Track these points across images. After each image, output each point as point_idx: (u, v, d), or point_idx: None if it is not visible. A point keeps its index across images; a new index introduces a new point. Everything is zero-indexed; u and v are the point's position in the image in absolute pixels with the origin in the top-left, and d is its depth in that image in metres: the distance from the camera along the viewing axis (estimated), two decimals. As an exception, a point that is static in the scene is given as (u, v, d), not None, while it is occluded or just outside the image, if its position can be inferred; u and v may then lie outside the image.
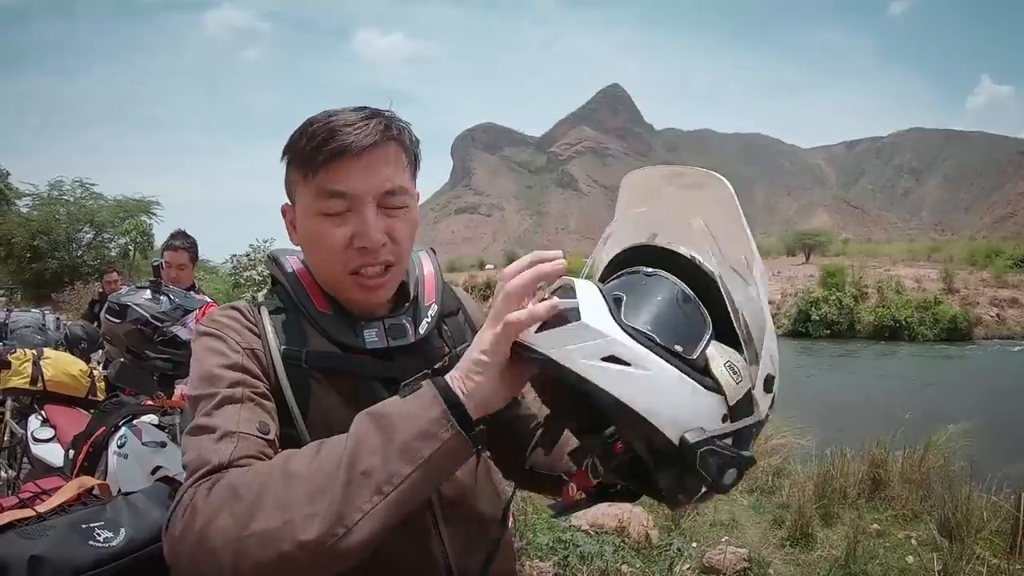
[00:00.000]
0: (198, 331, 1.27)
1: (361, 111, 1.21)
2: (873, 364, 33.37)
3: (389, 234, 1.22)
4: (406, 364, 1.28)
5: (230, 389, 1.14)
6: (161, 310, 3.23)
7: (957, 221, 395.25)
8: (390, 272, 1.26)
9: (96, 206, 32.24)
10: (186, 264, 4.58)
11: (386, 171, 1.20)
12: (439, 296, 1.40)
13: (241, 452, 1.05)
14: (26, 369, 4.81)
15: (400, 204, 1.23)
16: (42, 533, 1.52)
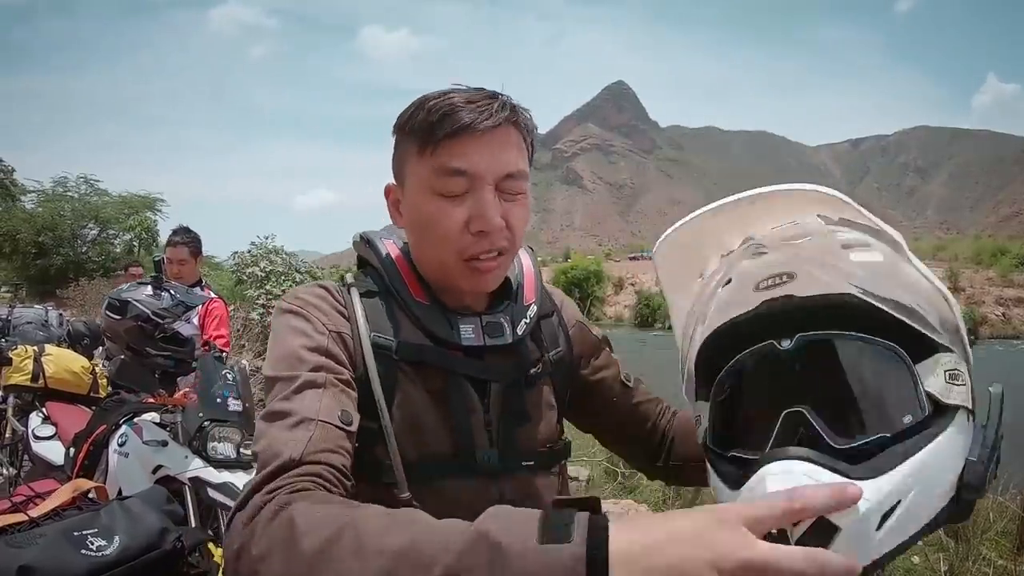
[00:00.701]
0: (281, 307, 1.18)
1: (481, 90, 1.13)
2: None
3: (505, 219, 1.13)
4: (498, 364, 1.22)
5: (313, 373, 1.06)
6: (162, 306, 3.18)
7: (962, 219, 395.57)
8: (502, 258, 1.17)
9: (101, 202, 32.29)
10: (187, 259, 4.51)
11: (508, 154, 1.13)
12: (538, 296, 1.32)
13: (317, 444, 0.97)
14: (27, 366, 4.77)
15: (518, 190, 1.15)
16: (32, 541, 1.46)
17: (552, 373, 1.31)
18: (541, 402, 1.28)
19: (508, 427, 1.21)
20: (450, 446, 1.15)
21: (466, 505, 1.10)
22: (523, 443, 1.22)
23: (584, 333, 1.40)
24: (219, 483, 2.95)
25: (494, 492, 1.17)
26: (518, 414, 1.22)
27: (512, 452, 1.20)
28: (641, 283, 70.35)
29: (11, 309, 6.40)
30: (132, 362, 3.20)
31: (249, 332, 9.25)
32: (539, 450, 1.25)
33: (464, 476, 1.16)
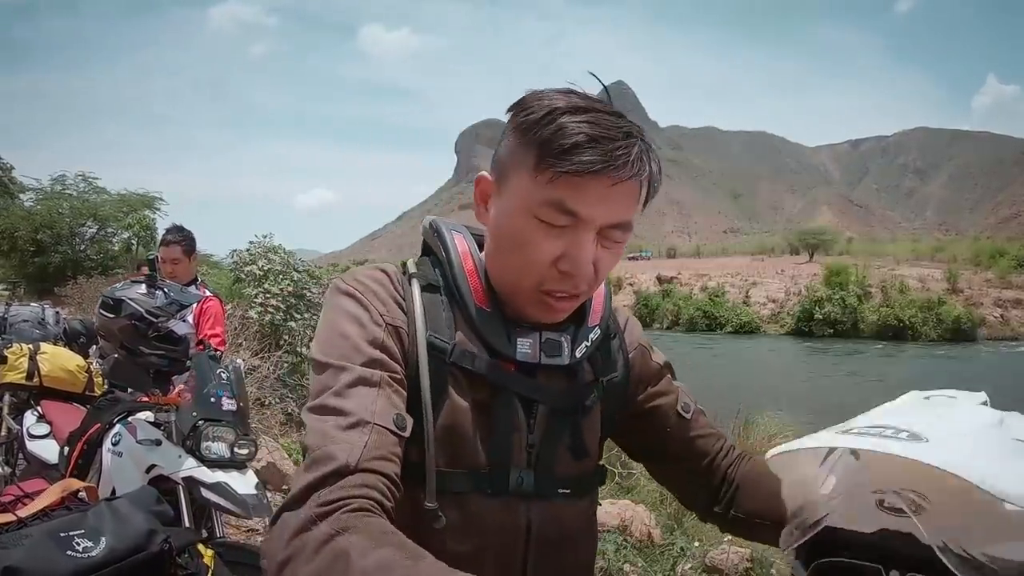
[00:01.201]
0: (337, 287, 1.13)
1: (620, 123, 1.03)
2: (877, 364, 33.32)
3: (595, 264, 1.06)
4: (550, 385, 1.16)
5: (367, 369, 1.02)
6: (156, 305, 3.17)
7: (962, 221, 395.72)
8: (578, 300, 1.12)
9: (99, 201, 32.25)
10: (180, 258, 4.48)
11: (624, 206, 1.05)
12: (604, 319, 1.23)
13: (372, 451, 0.94)
14: (22, 364, 4.76)
15: (620, 239, 1.08)
16: (18, 542, 1.44)
17: (604, 398, 1.23)
18: (588, 430, 1.21)
19: (549, 452, 1.15)
20: (484, 461, 1.11)
21: (489, 524, 1.09)
22: (562, 469, 1.16)
23: (645, 358, 1.32)
24: (212, 483, 2.94)
25: (521, 515, 1.12)
26: (563, 440, 1.16)
27: (548, 477, 1.15)
28: (639, 283, 70.30)
29: (7, 307, 6.39)
30: (126, 361, 3.19)
31: (247, 331, 9.24)
32: (576, 477, 1.19)
33: (492, 494, 1.11)
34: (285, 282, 9.98)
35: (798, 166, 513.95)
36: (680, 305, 59.37)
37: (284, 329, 9.63)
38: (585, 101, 1.04)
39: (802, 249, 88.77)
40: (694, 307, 57.61)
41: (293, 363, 9.33)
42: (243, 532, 4.67)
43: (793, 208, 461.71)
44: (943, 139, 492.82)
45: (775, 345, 43.77)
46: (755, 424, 9.01)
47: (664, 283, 68.49)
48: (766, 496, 1.13)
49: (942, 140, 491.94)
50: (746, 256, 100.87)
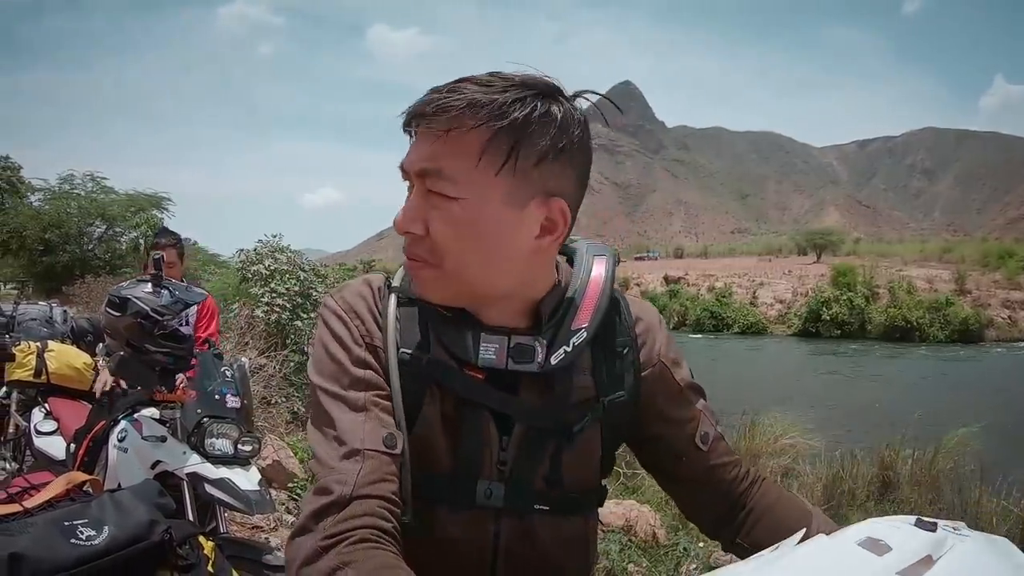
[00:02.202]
0: (327, 305, 1.13)
1: (467, 78, 1.01)
2: (884, 365, 33.24)
3: (426, 225, 1.03)
4: (531, 399, 1.11)
5: (354, 392, 1.04)
6: (161, 304, 3.20)
7: (969, 222, 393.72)
8: (428, 271, 1.05)
9: (107, 200, 32.36)
10: (175, 262, 4.48)
11: (424, 151, 1.02)
12: (595, 319, 1.11)
13: (367, 478, 0.97)
14: (30, 362, 4.81)
15: (436, 190, 1.01)
16: (23, 530, 1.49)
17: (605, 419, 1.16)
18: (576, 448, 1.14)
19: (525, 467, 1.11)
20: (449, 472, 1.09)
21: (455, 538, 1.09)
22: (539, 487, 1.12)
23: (664, 378, 1.21)
24: (216, 479, 2.98)
25: (490, 530, 1.10)
26: (542, 457, 1.12)
27: (522, 492, 1.11)
28: (646, 283, 70.20)
29: (16, 306, 6.44)
30: (132, 358, 3.22)
31: (253, 330, 9.27)
32: (560, 496, 1.14)
33: (459, 506, 1.10)
34: (291, 281, 10.00)
35: (805, 166, 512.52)
36: (687, 306, 59.25)
37: (290, 328, 9.66)
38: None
39: (809, 249, 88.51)
40: (701, 307, 57.51)
41: (299, 362, 9.35)
42: (247, 529, 4.70)
43: (800, 208, 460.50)
44: (951, 139, 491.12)
45: (782, 346, 43.68)
46: (760, 425, 9.01)
47: (671, 283, 68.40)
48: (772, 531, 1.13)
49: (949, 140, 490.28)
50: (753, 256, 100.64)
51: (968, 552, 0.75)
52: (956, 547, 0.75)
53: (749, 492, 1.23)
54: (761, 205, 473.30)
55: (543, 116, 0.99)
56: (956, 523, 0.86)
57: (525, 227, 1.04)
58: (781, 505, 1.20)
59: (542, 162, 1.01)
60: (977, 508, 6.22)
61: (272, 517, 4.90)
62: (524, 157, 0.99)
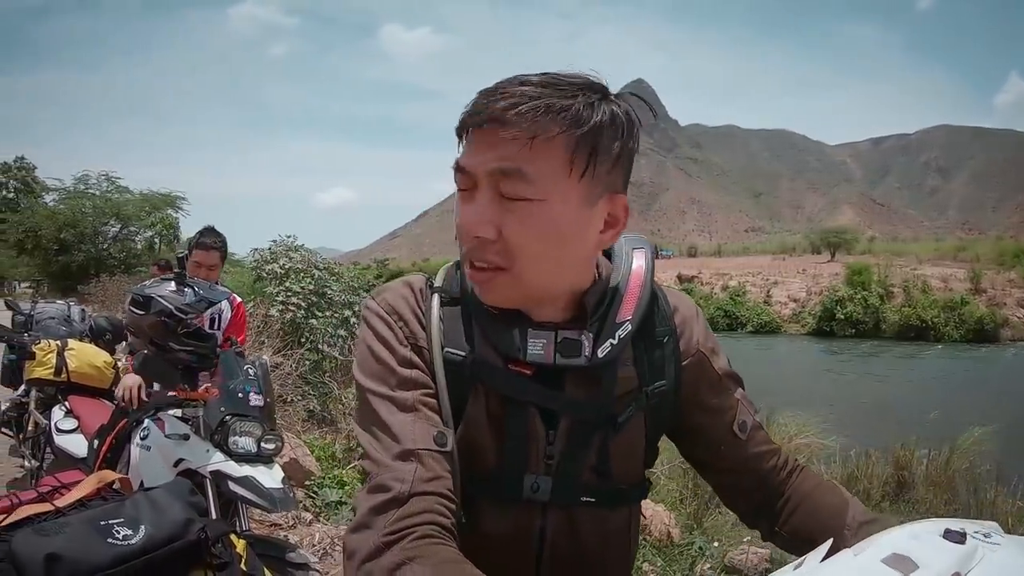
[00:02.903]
0: (369, 307, 1.14)
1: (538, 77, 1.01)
2: (898, 364, 33.05)
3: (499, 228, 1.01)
4: (575, 393, 1.11)
5: (403, 392, 1.05)
6: (185, 302, 3.22)
7: (984, 220, 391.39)
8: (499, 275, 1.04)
9: (122, 200, 32.57)
10: (217, 264, 4.39)
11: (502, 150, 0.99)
12: (639, 313, 1.13)
13: (423, 476, 0.98)
14: (50, 360, 4.84)
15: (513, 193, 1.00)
16: (59, 530, 1.49)
17: (649, 408, 1.17)
18: (621, 444, 1.15)
19: (571, 461, 1.11)
20: (496, 468, 1.10)
21: (503, 532, 1.11)
22: (586, 479, 1.13)
23: (703, 366, 1.22)
24: (239, 477, 2.99)
25: (536, 523, 1.12)
26: (589, 450, 1.12)
27: (569, 485, 1.12)
28: (660, 282, 69.86)
29: (34, 304, 6.50)
30: (155, 356, 3.24)
31: (269, 329, 9.29)
32: (605, 489, 1.15)
33: (505, 502, 1.11)
34: (306, 280, 10.02)
35: (819, 164, 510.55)
36: (701, 304, 58.79)
37: (306, 327, 9.67)
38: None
39: (823, 248, 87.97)
40: (714, 306, 57.24)
41: (315, 361, 9.37)
42: (265, 526, 4.72)
43: (814, 207, 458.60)
44: (965, 137, 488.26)
45: (795, 345, 43.51)
46: (775, 424, 8.99)
47: (685, 282, 68.17)
48: (809, 520, 1.17)
49: (964, 138, 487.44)
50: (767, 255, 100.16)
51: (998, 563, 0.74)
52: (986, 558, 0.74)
53: (788, 481, 1.24)
54: (775, 203, 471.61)
55: (612, 120, 1.02)
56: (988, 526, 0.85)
57: (593, 225, 1.06)
58: (819, 493, 1.21)
59: (614, 164, 1.04)
60: (992, 508, 6.20)
61: (290, 515, 4.92)
62: (601, 162, 1.01)
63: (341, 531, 4.87)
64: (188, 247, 4.36)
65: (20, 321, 6.09)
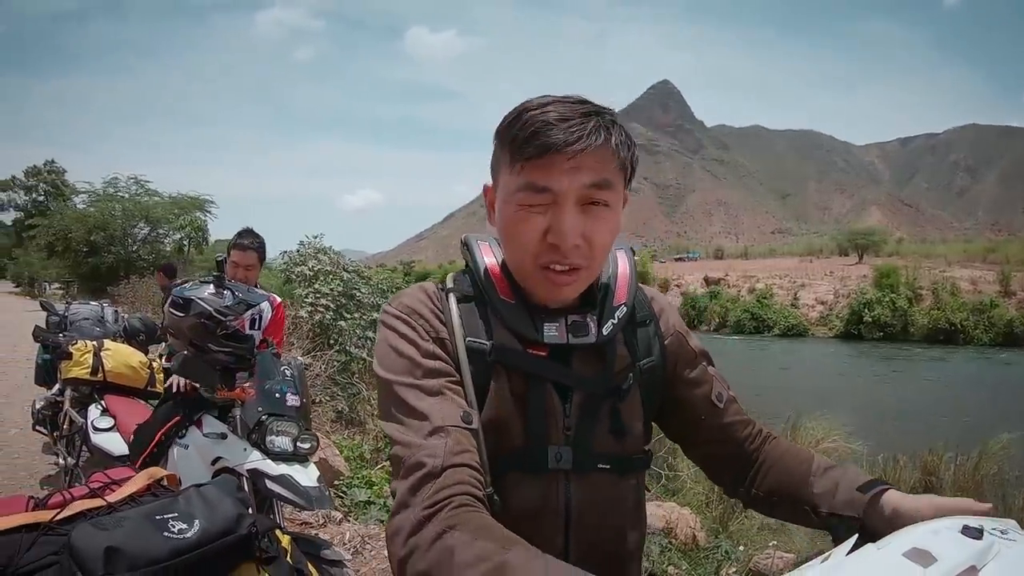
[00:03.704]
0: (387, 311, 1.25)
1: (580, 105, 1.15)
2: (927, 368, 32.76)
3: (586, 236, 1.16)
4: (583, 370, 1.26)
5: (429, 380, 1.15)
6: (224, 304, 3.27)
7: (1015, 221, 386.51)
8: (578, 274, 1.19)
9: (151, 202, 32.83)
10: (254, 264, 4.44)
11: (591, 168, 1.13)
12: (630, 298, 1.32)
13: (453, 449, 1.06)
14: (87, 360, 4.92)
15: (601, 199, 1.16)
16: (117, 524, 1.55)
17: (642, 382, 1.32)
18: (626, 410, 1.29)
19: (587, 430, 1.24)
20: (523, 443, 1.21)
21: (527, 500, 1.20)
22: (599, 446, 1.25)
23: (682, 345, 1.40)
24: (276, 475, 3.05)
25: (562, 491, 1.21)
26: (599, 419, 1.25)
27: (586, 452, 1.23)
28: (686, 284, 69.77)
29: (68, 305, 6.57)
30: (194, 358, 3.29)
31: (298, 330, 9.38)
32: (618, 456, 1.27)
33: (533, 472, 1.21)
34: (335, 282, 10.11)
35: (846, 165, 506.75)
36: (728, 307, 58.77)
37: (334, 329, 9.75)
38: (550, 98, 1.17)
39: (851, 250, 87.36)
40: (741, 309, 57.04)
41: (343, 362, 9.44)
42: (296, 525, 4.78)
43: (842, 208, 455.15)
44: (994, 136, 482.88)
45: (823, 348, 43.22)
46: (802, 428, 8.97)
47: (711, 284, 67.94)
48: (780, 476, 1.31)
49: (993, 137, 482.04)
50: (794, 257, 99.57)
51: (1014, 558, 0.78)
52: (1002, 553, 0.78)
53: (761, 448, 1.38)
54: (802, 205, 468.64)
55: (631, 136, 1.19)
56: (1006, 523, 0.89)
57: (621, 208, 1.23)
58: (789, 455, 1.34)
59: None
60: (1021, 513, 6.16)
61: (320, 514, 4.97)
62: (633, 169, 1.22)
63: (371, 529, 4.93)
64: (228, 249, 4.42)
65: (55, 322, 6.17)
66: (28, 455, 6.77)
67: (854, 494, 1.17)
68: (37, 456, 6.71)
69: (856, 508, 1.15)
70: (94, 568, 1.44)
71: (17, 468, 6.36)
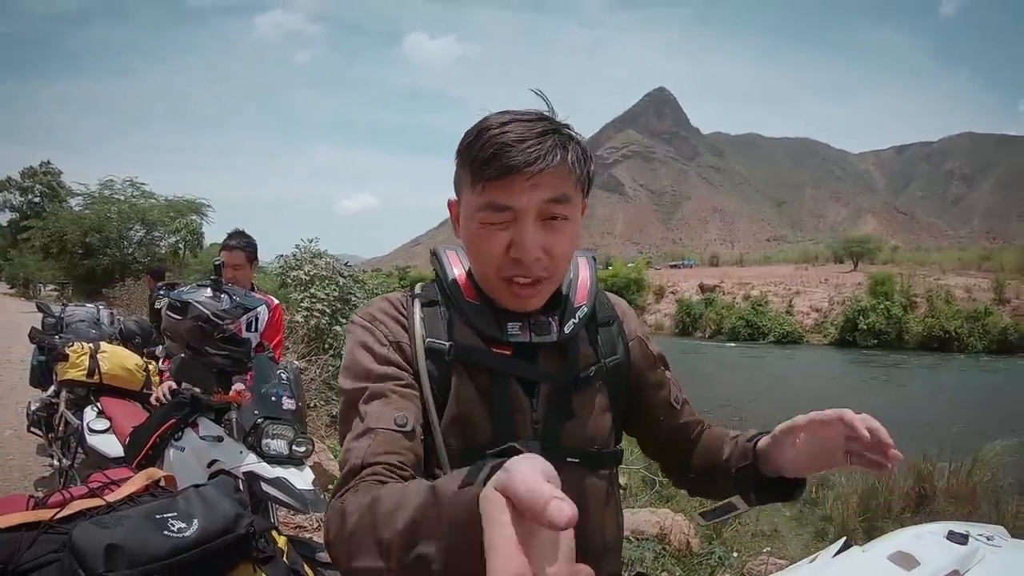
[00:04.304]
0: (352, 321, 1.32)
1: (538, 124, 1.19)
2: (921, 375, 32.80)
3: (547, 249, 1.21)
4: (547, 367, 1.31)
5: (376, 384, 1.20)
6: (222, 308, 3.29)
7: (1009, 229, 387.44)
8: (540, 286, 1.25)
9: (147, 205, 32.74)
10: (243, 264, 4.48)
11: (549, 185, 1.18)
12: (590, 299, 1.38)
13: (375, 449, 1.11)
14: (83, 362, 4.93)
15: (559, 213, 1.21)
16: (118, 523, 1.58)
17: (607, 379, 1.38)
18: (592, 404, 1.34)
19: (553, 423, 1.28)
20: (491, 438, 1.23)
21: None
22: (568, 440, 1.29)
23: (643, 349, 1.47)
24: (272, 478, 3.07)
25: None
26: (565, 412, 1.29)
27: (556, 448, 1.26)
28: (682, 291, 69.75)
29: (64, 307, 6.58)
30: (191, 360, 3.31)
31: (294, 335, 9.39)
32: (586, 450, 1.31)
33: None
34: (331, 287, 10.12)
35: (842, 173, 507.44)
36: (723, 314, 58.75)
37: (330, 333, 9.76)
38: (509, 115, 1.20)
39: (846, 258, 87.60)
40: (736, 316, 57.04)
41: (338, 367, 9.43)
42: (291, 528, 4.79)
43: (837, 216, 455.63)
44: (989, 144, 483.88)
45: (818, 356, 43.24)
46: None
47: (707, 292, 67.92)
48: (705, 454, 1.43)
49: (988, 145, 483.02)
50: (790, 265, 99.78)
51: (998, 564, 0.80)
52: (986, 559, 0.81)
53: (698, 439, 1.47)
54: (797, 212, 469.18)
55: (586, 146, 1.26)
56: (993, 529, 0.92)
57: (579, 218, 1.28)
58: (712, 437, 1.45)
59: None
60: (1015, 521, 6.18)
61: (315, 517, 4.98)
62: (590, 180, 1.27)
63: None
64: (219, 251, 4.45)
65: (50, 323, 6.18)
66: (23, 457, 6.77)
67: (747, 446, 1.31)
68: (32, 458, 6.71)
69: (748, 456, 1.30)
70: (95, 565, 1.47)
71: (12, 469, 6.36)
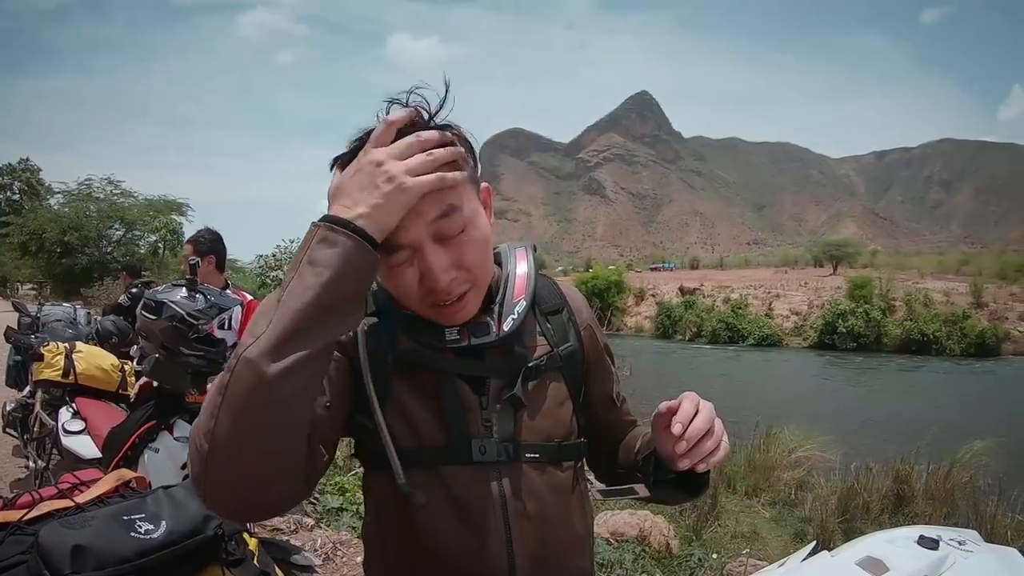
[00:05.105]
0: None
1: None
2: (899, 378, 33.03)
3: (457, 265, 1.17)
4: (496, 363, 1.28)
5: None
6: (196, 308, 3.26)
7: (987, 234, 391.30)
8: (467, 298, 1.22)
9: (127, 204, 32.62)
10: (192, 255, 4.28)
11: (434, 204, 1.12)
12: (529, 292, 1.33)
13: None
14: (58, 362, 4.87)
15: (457, 225, 1.15)
16: (84, 523, 1.56)
17: (563, 368, 1.35)
18: (547, 396, 1.32)
19: (507, 418, 1.26)
20: (444, 438, 1.23)
21: (462, 493, 1.22)
22: (525, 435, 1.27)
23: (593, 337, 1.44)
24: None
25: (492, 482, 1.24)
26: (518, 406, 1.27)
27: (510, 443, 1.25)
28: (662, 294, 69.90)
29: (40, 307, 6.52)
30: (165, 361, 3.27)
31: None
32: (545, 444, 1.29)
33: (461, 464, 1.23)
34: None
35: (822, 177, 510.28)
36: (703, 317, 58.84)
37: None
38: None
39: (826, 261, 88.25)
40: (716, 319, 57.15)
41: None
42: (267, 531, 4.76)
43: (817, 220, 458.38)
44: (969, 150, 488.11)
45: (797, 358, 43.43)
46: (775, 437, 9.01)
47: (687, 294, 68.08)
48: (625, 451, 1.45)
49: (968, 151, 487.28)
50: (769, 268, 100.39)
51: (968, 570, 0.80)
52: (957, 564, 0.80)
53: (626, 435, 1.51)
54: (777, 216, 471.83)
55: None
56: (965, 534, 0.91)
57: (483, 213, 1.25)
58: (632, 436, 1.48)
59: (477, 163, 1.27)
60: (992, 522, 6.22)
61: (292, 519, 4.96)
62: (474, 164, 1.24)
63: (342, 536, 4.92)
64: None
65: (26, 323, 6.13)
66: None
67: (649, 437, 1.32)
68: (8, 459, 6.65)
69: (651, 444, 1.29)
70: (61, 566, 1.45)
71: (-14, 471, 6.30)
